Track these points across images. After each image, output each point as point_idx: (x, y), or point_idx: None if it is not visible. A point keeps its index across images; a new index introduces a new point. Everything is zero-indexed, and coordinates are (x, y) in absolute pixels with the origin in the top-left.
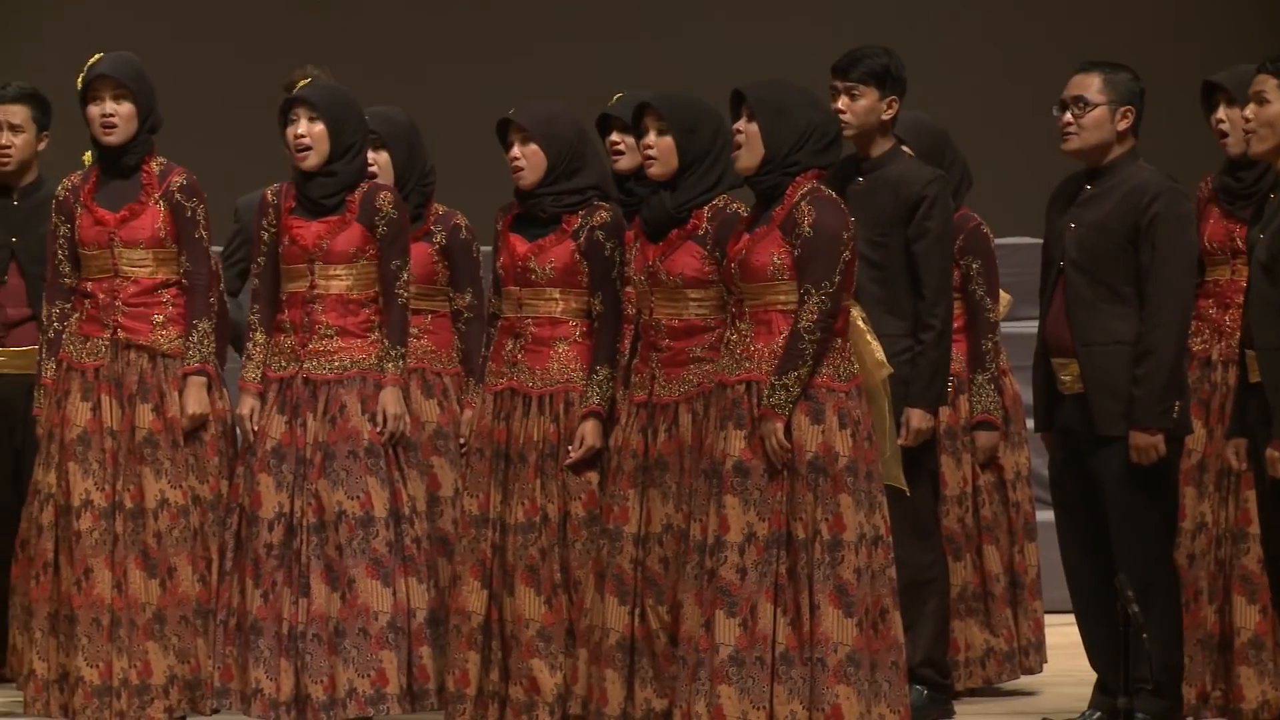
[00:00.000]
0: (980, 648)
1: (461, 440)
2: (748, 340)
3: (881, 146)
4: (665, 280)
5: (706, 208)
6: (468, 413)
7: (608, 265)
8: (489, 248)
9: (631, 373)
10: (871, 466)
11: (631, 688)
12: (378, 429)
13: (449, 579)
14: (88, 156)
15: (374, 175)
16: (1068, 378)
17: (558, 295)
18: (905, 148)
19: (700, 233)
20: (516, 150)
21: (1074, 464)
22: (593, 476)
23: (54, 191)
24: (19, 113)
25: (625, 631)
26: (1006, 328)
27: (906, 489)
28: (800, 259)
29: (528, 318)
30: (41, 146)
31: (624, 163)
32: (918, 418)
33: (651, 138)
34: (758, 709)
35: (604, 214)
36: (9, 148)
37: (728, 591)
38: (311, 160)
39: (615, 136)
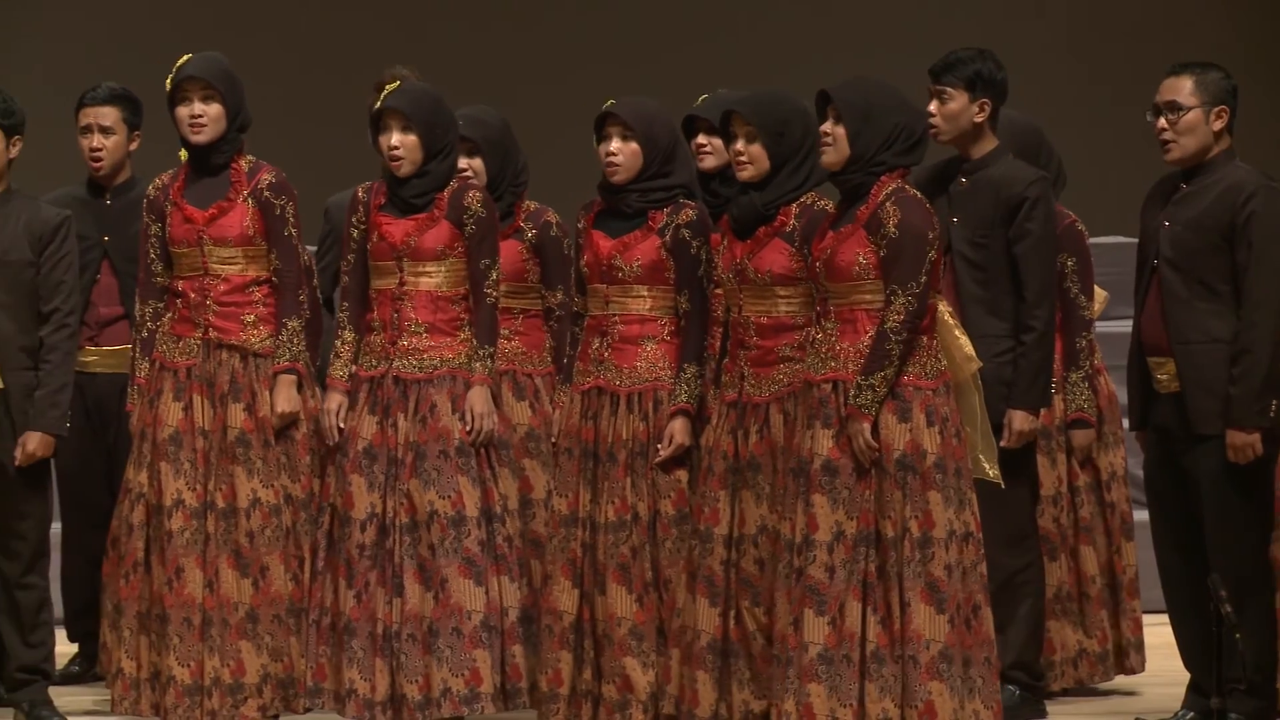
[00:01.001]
0: (1073, 648)
1: (553, 439)
2: (833, 339)
3: (983, 148)
4: (754, 278)
5: (794, 205)
6: (559, 412)
7: (694, 263)
8: None
9: (721, 372)
10: (960, 463)
11: (723, 689)
12: (467, 427)
13: (541, 579)
14: (184, 153)
15: (470, 179)
16: (1164, 376)
17: (645, 293)
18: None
19: (788, 230)
20: (615, 144)
21: (1169, 463)
22: (682, 474)
23: (145, 191)
24: (110, 114)
25: (716, 633)
26: (1102, 327)
27: (1001, 481)
28: (886, 259)
29: (615, 315)
30: (133, 147)
31: (710, 163)
32: (1020, 419)
33: (741, 144)
34: (845, 707)
35: (689, 212)
36: (100, 150)
37: (816, 590)
38: (405, 169)
39: (701, 138)
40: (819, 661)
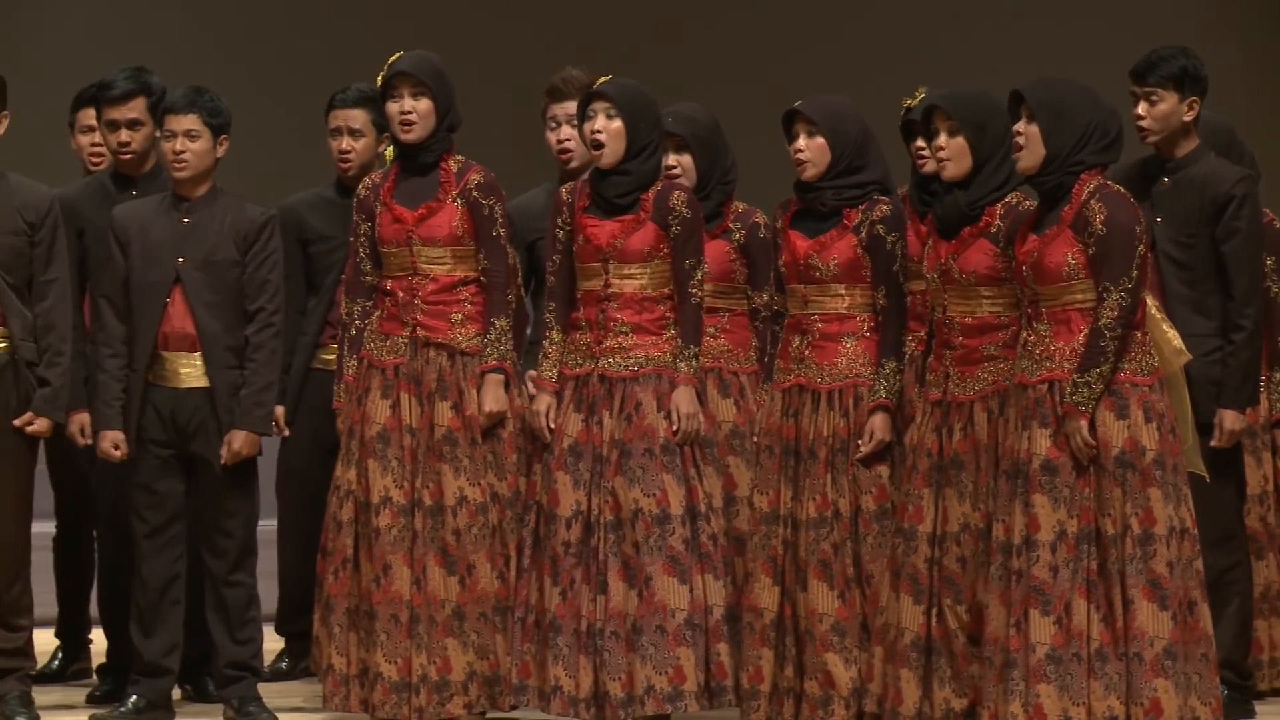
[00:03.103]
0: None
1: (755, 437)
2: (1046, 340)
3: (1185, 147)
4: (958, 278)
5: (999, 205)
6: (760, 412)
7: (889, 259)
8: None
9: (925, 371)
10: (1177, 459)
11: (927, 687)
12: (673, 427)
13: (744, 577)
14: (390, 152)
15: (677, 178)
16: None
17: (843, 291)
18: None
19: (992, 230)
20: (802, 142)
21: None
22: (883, 470)
23: None
24: (358, 117)
25: (920, 631)
26: None
27: (1207, 475)
28: (1095, 257)
29: (814, 314)
30: (381, 149)
31: (930, 166)
32: (1231, 419)
33: (943, 139)
34: (1078, 705)
35: (884, 208)
36: (349, 152)
37: (1041, 590)
38: (608, 159)
39: (920, 141)
40: (1047, 661)
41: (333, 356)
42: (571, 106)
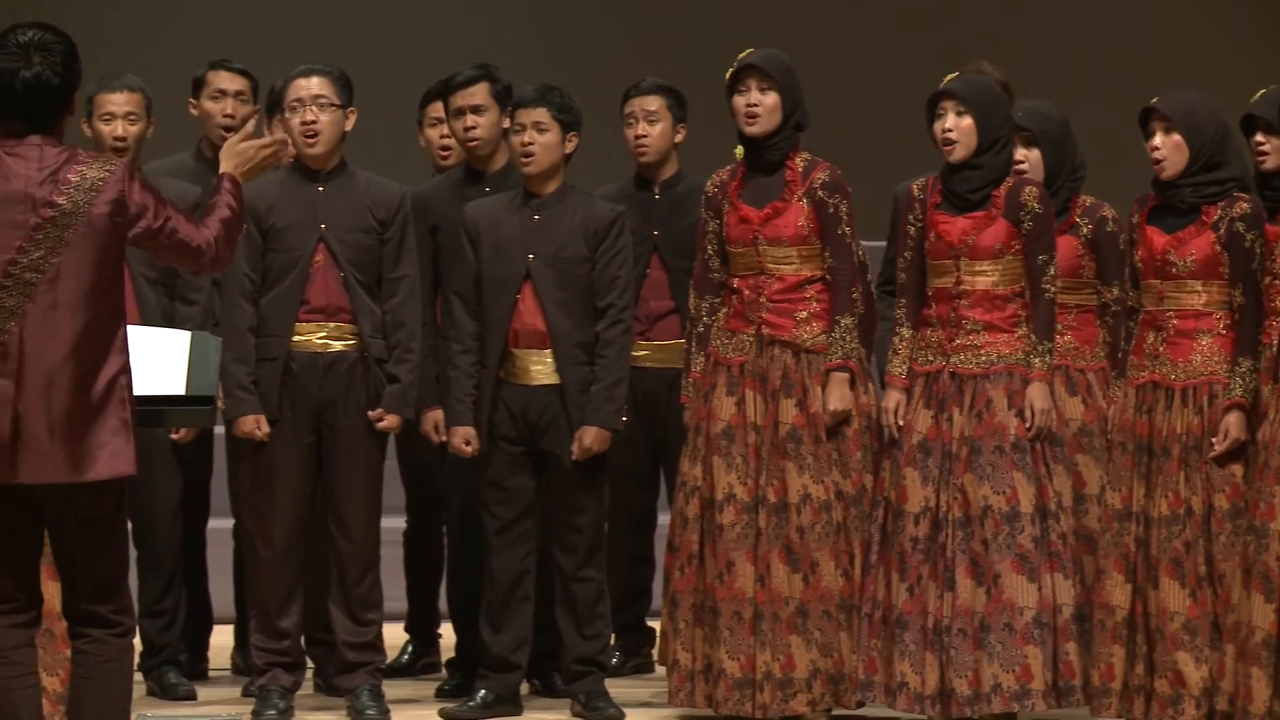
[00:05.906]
0: None
1: (1107, 434)
2: None
3: None
4: None
5: None
6: (1113, 408)
7: (1248, 256)
8: None
9: (1278, 367)
10: None
11: (1278, 686)
12: (1025, 424)
13: (1093, 575)
14: (740, 150)
15: (1024, 172)
16: None
17: (1199, 288)
18: None
19: None
20: (1159, 139)
21: None
22: (1237, 469)
23: (695, 184)
24: (655, 103)
25: (1272, 630)
26: None
27: None
28: None
29: (1169, 311)
30: (679, 139)
31: (1270, 163)
32: None
33: None
34: None
35: (1244, 205)
36: (645, 136)
37: None
38: (958, 153)
39: (1260, 137)
40: None
41: (641, 354)
42: None
